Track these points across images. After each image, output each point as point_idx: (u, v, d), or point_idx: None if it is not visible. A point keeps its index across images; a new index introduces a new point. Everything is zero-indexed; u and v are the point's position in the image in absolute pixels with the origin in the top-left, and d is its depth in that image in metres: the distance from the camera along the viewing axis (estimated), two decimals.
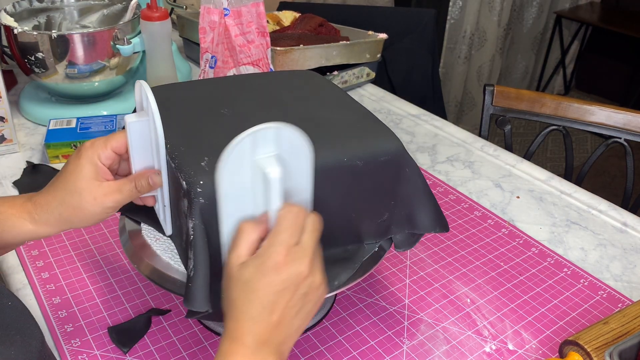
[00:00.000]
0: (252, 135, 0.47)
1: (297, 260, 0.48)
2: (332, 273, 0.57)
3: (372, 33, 1.30)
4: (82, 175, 0.55)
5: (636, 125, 1.14)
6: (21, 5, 1.10)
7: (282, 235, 0.48)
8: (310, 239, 0.49)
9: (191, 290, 0.51)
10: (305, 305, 0.49)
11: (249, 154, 0.48)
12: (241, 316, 0.47)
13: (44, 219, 0.57)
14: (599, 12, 3.20)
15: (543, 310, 0.73)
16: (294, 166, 0.50)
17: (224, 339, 0.48)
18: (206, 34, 0.98)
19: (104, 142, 0.57)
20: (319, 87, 0.68)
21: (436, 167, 1.03)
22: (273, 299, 0.47)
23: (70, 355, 0.64)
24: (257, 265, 0.48)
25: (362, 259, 0.60)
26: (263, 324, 0.47)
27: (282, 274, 0.47)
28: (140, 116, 0.56)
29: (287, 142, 0.49)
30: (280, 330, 0.48)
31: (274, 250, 0.47)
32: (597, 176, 2.73)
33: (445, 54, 2.86)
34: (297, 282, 0.48)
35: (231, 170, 0.48)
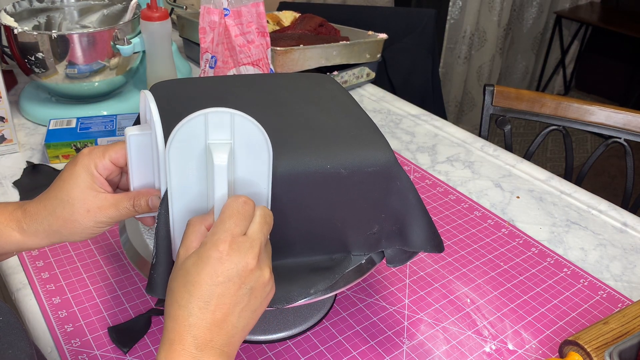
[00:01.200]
0: (203, 116, 0.45)
1: (243, 251, 0.44)
2: (311, 280, 0.57)
3: (372, 33, 1.30)
4: (77, 183, 0.51)
5: (636, 125, 1.14)
6: (21, 5, 1.11)
7: (226, 223, 0.45)
8: (258, 230, 0.46)
9: (153, 277, 0.51)
10: (251, 301, 0.45)
11: (201, 136, 0.46)
12: (180, 313, 0.43)
13: (33, 229, 0.52)
14: (599, 12, 3.20)
15: (543, 310, 0.73)
16: (251, 158, 0.48)
17: (162, 342, 0.44)
18: (206, 34, 0.98)
19: (102, 152, 0.53)
20: (326, 91, 0.67)
21: (436, 167, 1.03)
22: (215, 292, 0.43)
23: (70, 355, 0.64)
24: (199, 254, 0.44)
25: (345, 270, 0.59)
26: (204, 323, 0.43)
27: (225, 264, 0.43)
28: (142, 129, 0.52)
29: (243, 132, 0.47)
30: (223, 329, 0.44)
31: (218, 238, 0.44)
32: (597, 176, 2.73)
33: (445, 54, 2.86)
34: (242, 275, 0.44)
35: (180, 150, 0.46)
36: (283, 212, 0.54)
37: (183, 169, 0.48)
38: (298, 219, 0.56)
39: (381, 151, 0.56)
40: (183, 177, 0.48)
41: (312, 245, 0.58)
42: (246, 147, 0.48)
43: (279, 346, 0.67)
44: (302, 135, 0.57)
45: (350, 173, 0.55)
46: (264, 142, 0.48)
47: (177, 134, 0.46)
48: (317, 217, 0.56)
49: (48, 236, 0.53)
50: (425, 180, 0.99)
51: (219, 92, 0.64)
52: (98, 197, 0.52)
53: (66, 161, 0.99)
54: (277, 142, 0.55)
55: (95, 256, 0.78)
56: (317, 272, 0.58)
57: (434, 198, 0.94)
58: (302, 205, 0.55)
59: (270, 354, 0.66)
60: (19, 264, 0.76)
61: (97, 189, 0.52)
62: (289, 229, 0.56)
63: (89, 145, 0.98)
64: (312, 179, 0.54)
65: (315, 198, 0.55)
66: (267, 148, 0.49)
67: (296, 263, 0.58)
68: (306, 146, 0.55)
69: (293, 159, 0.53)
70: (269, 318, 0.68)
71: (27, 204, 0.54)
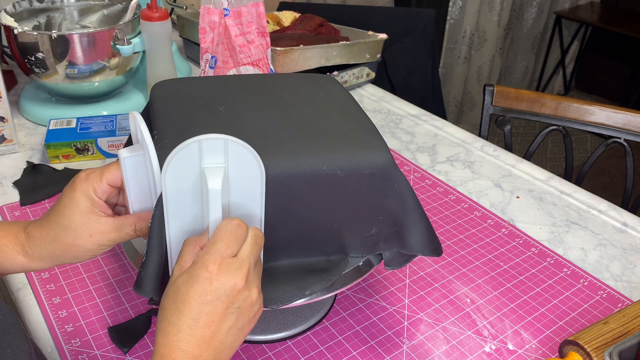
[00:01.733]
0: (197, 143, 0.47)
1: (232, 272, 0.46)
2: (307, 281, 0.57)
3: (372, 33, 1.30)
4: (78, 209, 0.52)
5: (636, 125, 1.14)
6: (21, 6, 1.11)
7: (218, 244, 0.46)
8: (248, 252, 0.48)
9: (141, 276, 0.51)
10: (239, 320, 0.47)
11: (196, 161, 0.48)
12: (170, 329, 0.45)
13: (37, 253, 0.53)
14: (599, 12, 3.20)
15: (543, 310, 0.73)
16: (245, 181, 0.50)
17: (153, 356, 0.45)
18: (206, 34, 0.98)
19: (98, 176, 0.53)
20: (326, 91, 0.67)
21: (436, 167, 1.03)
22: (204, 310, 0.45)
23: (70, 355, 0.64)
24: (189, 273, 0.46)
25: (342, 271, 0.59)
26: (193, 339, 0.45)
27: (214, 284, 0.45)
28: (134, 150, 0.53)
29: (237, 156, 0.48)
30: (212, 345, 0.45)
31: (208, 258, 0.46)
32: (597, 176, 2.73)
33: (445, 54, 2.87)
34: (230, 295, 0.46)
35: (175, 175, 0.48)
36: (279, 213, 0.54)
37: (178, 192, 0.49)
38: (294, 220, 0.55)
39: (379, 153, 0.56)
40: (179, 200, 0.49)
41: (309, 246, 0.58)
42: (239, 171, 0.49)
43: (279, 346, 0.67)
44: (299, 136, 0.57)
45: (347, 175, 0.54)
46: (257, 166, 0.49)
47: (173, 160, 0.47)
48: (313, 219, 0.56)
49: (52, 259, 0.54)
50: (425, 180, 0.99)
51: (219, 92, 0.64)
52: (100, 222, 0.53)
53: (66, 161, 0.99)
54: (274, 143, 0.55)
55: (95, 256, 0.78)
56: (313, 273, 0.58)
57: (434, 198, 0.94)
58: (298, 206, 0.55)
59: (270, 354, 0.66)
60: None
61: (98, 213, 0.53)
62: (285, 230, 0.56)
63: (89, 146, 0.98)
64: (308, 180, 0.53)
65: (311, 199, 0.55)
66: (260, 171, 0.50)
67: (293, 264, 0.58)
68: (303, 147, 0.55)
69: (289, 159, 0.53)
70: (269, 318, 0.68)
71: (30, 227, 0.54)
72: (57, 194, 0.89)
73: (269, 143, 0.55)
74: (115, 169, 0.53)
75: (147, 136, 0.51)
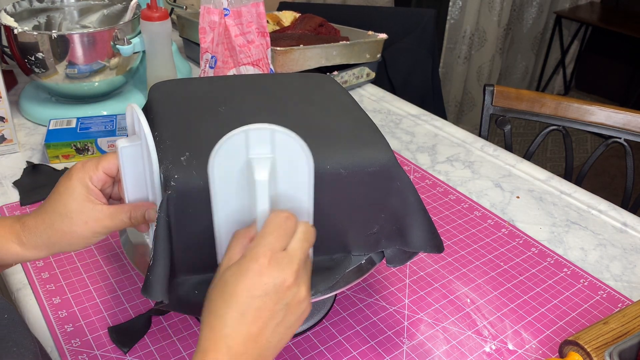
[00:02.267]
0: (244, 133, 0.46)
1: (282, 266, 0.45)
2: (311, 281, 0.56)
3: (372, 33, 1.30)
4: (74, 197, 0.53)
5: (636, 125, 1.14)
6: (21, 5, 1.11)
7: (267, 237, 0.45)
8: (299, 247, 0.47)
9: (149, 279, 0.51)
10: (286, 317, 0.45)
11: (242, 152, 0.47)
12: (217, 322, 0.44)
13: (32, 242, 0.54)
14: (599, 12, 3.20)
15: (543, 310, 0.73)
16: (292, 173, 0.49)
17: (196, 350, 0.44)
18: (206, 34, 0.98)
19: (94, 164, 0.54)
20: (326, 91, 0.67)
21: (436, 167, 1.03)
22: (253, 305, 0.44)
23: (70, 355, 0.64)
24: (239, 265, 0.45)
25: (345, 270, 0.59)
26: (240, 335, 0.43)
27: (263, 278, 0.44)
28: (132, 140, 0.53)
29: (283, 147, 0.48)
30: (258, 343, 0.44)
31: (258, 251, 0.45)
32: (597, 176, 2.73)
33: (445, 54, 2.87)
34: (279, 290, 0.44)
35: (222, 165, 0.47)
36: None
37: (225, 182, 0.48)
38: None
39: (381, 151, 0.56)
40: (225, 190, 0.49)
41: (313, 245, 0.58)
42: (287, 162, 0.48)
43: None
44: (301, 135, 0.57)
45: (350, 173, 0.55)
46: (304, 157, 0.48)
47: (220, 150, 0.47)
48: (317, 217, 0.56)
49: (47, 248, 0.54)
50: (425, 180, 0.99)
51: (219, 92, 0.64)
52: (95, 209, 0.53)
53: (66, 161, 0.99)
54: None
55: (95, 256, 0.78)
56: (317, 272, 0.58)
57: (434, 198, 0.94)
58: None
59: None
60: (19, 264, 0.76)
61: (93, 201, 0.54)
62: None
63: (89, 146, 0.98)
64: None
65: (315, 198, 0.55)
66: (308, 163, 0.49)
67: None
68: None
69: None
70: None
71: (25, 217, 0.55)
72: None
73: None
74: (111, 158, 0.55)
75: (145, 127, 0.51)
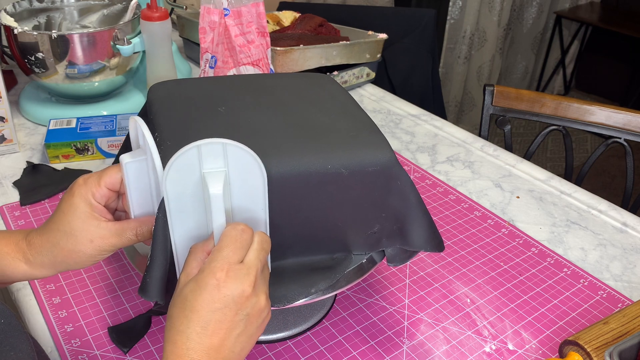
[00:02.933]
0: (196, 148, 0.47)
1: (240, 278, 0.46)
2: (312, 280, 0.57)
3: (372, 33, 1.30)
4: (77, 215, 0.52)
5: (636, 125, 1.14)
6: (21, 5, 1.11)
7: (223, 251, 0.46)
8: (255, 257, 0.47)
9: (146, 281, 0.51)
10: (247, 327, 0.47)
11: (196, 166, 0.48)
12: (179, 337, 0.45)
13: (39, 261, 0.53)
14: (599, 12, 3.20)
15: (543, 310, 0.73)
16: (247, 185, 0.49)
17: None
18: (206, 34, 0.98)
19: (96, 180, 0.53)
20: (326, 91, 0.67)
21: (436, 167, 1.03)
22: (213, 318, 0.45)
23: (70, 355, 0.64)
24: (197, 281, 0.46)
25: (346, 269, 0.59)
26: (202, 347, 0.44)
27: (222, 291, 0.45)
28: (136, 155, 0.52)
29: (237, 160, 0.48)
30: (221, 353, 0.45)
31: (215, 265, 0.45)
32: (597, 176, 2.73)
33: (445, 54, 2.87)
34: (238, 302, 0.45)
35: (176, 181, 0.48)
36: (284, 212, 0.54)
37: (181, 197, 0.49)
38: (299, 218, 0.56)
39: (382, 151, 0.57)
40: (181, 205, 0.49)
41: (313, 244, 0.58)
42: (241, 174, 0.49)
43: (279, 346, 0.67)
44: (301, 135, 0.57)
45: (351, 173, 0.55)
46: (257, 169, 0.49)
47: (173, 166, 0.47)
48: (318, 217, 0.56)
49: (54, 266, 0.54)
50: (425, 180, 0.99)
51: (219, 93, 0.64)
52: (100, 227, 0.52)
53: (66, 161, 0.99)
54: (277, 143, 0.55)
55: None
56: (318, 271, 0.58)
57: (434, 198, 0.94)
58: (303, 205, 0.55)
59: (270, 354, 0.66)
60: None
61: (97, 218, 0.52)
62: (290, 229, 0.56)
63: (89, 146, 0.98)
64: (313, 179, 0.54)
65: (316, 198, 0.55)
66: (262, 174, 0.49)
67: (297, 262, 0.59)
68: (307, 146, 0.55)
69: (294, 159, 0.53)
70: None
71: (31, 235, 0.54)
72: (57, 194, 0.89)
73: (272, 143, 0.55)
74: (113, 172, 0.53)
75: (150, 142, 0.50)
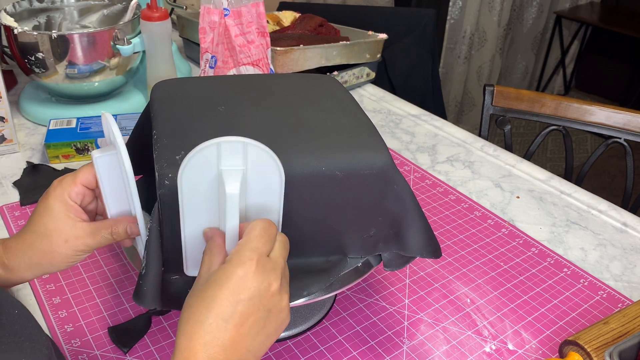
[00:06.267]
0: (216, 146, 0.46)
1: (268, 272, 0.44)
2: (304, 282, 0.56)
3: (372, 33, 1.30)
4: (52, 216, 0.52)
5: (636, 125, 1.14)
6: (21, 5, 1.11)
7: (254, 242, 0.44)
8: (279, 254, 0.46)
9: (141, 287, 0.51)
10: (267, 325, 0.44)
11: (214, 164, 0.47)
12: (196, 330, 0.42)
13: (15, 264, 0.53)
14: (599, 12, 3.20)
15: (543, 310, 0.73)
16: (264, 184, 0.49)
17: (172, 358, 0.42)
18: (206, 34, 0.98)
19: (72, 178, 0.53)
20: (327, 92, 0.67)
21: (436, 167, 1.03)
22: (237, 309, 0.42)
23: (70, 355, 0.64)
24: (224, 269, 0.43)
25: (341, 272, 0.59)
26: (220, 342, 0.41)
27: (249, 282, 0.42)
28: (106, 150, 0.52)
29: (255, 159, 0.47)
30: (238, 351, 0.42)
31: (244, 255, 0.43)
32: (597, 176, 2.73)
33: (445, 54, 2.87)
34: (264, 295, 0.43)
35: (191, 177, 0.47)
36: None
37: (194, 193, 0.48)
38: (293, 220, 0.55)
39: (378, 154, 0.56)
40: (194, 201, 0.49)
41: (308, 246, 0.58)
42: (259, 175, 0.48)
43: (279, 346, 0.67)
44: (299, 136, 0.57)
45: (346, 176, 0.54)
46: (276, 170, 0.48)
47: (190, 162, 0.46)
48: (312, 219, 0.56)
49: (30, 269, 0.53)
50: (425, 180, 0.99)
51: (219, 92, 0.64)
52: (75, 227, 0.52)
53: (66, 161, 0.99)
54: (273, 143, 0.55)
55: (96, 256, 0.78)
56: (311, 273, 0.58)
57: (434, 198, 0.94)
58: (296, 206, 0.54)
59: (270, 354, 0.66)
60: None
61: (72, 218, 0.52)
62: (283, 230, 0.56)
63: (89, 146, 0.98)
64: (307, 180, 0.53)
65: (310, 200, 0.55)
66: (280, 175, 0.49)
67: (291, 264, 0.58)
68: (302, 147, 0.55)
69: (288, 160, 0.53)
70: None
71: (8, 240, 0.54)
72: None
73: (268, 143, 0.55)
74: (88, 168, 0.53)
75: (118, 136, 0.50)
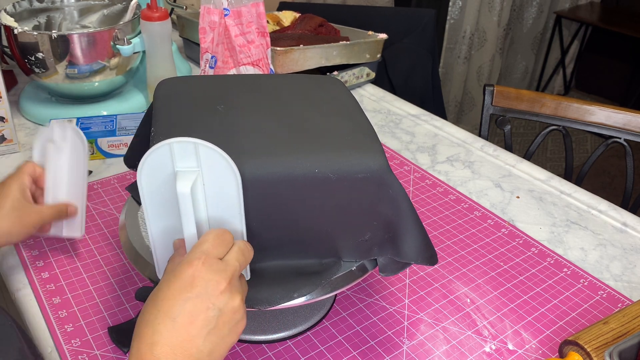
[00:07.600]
0: (168, 146, 0.47)
1: (215, 271, 0.44)
2: (296, 284, 0.56)
3: (372, 33, 1.30)
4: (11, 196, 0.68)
5: (636, 125, 1.14)
6: (21, 5, 1.11)
7: (203, 245, 0.46)
8: (234, 258, 0.47)
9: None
10: (219, 326, 0.44)
11: (169, 164, 0.48)
12: (145, 331, 0.42)
13: None
14: (599, 12, 3.20)
15: (543, 310, 0.73)
16: (222, 191, 0.49)
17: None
18: (206, 34, 0.98)
19: (26, 169, 0.71)
20: (330, 93, 0.66)
21: (436, 167, 1.03)
22: (184, 309, 0.43)
23: (70, 355, 0.64)
24: (173, 271, 0.44)
25: (334, 275, 0.58)
26: (168, 342, 0.42)
27: (196, 280, 0.43)
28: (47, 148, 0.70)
29: (210, 161, 0.48)
30: (188, 351, 0.42)
31: (192, 256, 0.44)
32: (597, 176, 2.73)
33: (445, 54, 2.87)
34: (212, 293, 0.43)
35: (150, 177, 0.48)
36: (269, 214, 0.54)
37: (156, 193, 0.49)
38: (285, 221, 0.55)
39: (373, 158, 0.55)
40: (158, 201, 0.50)
41: (301, 248, 0.58)
42: (215, 177, 0.49)
43: (279, 346, 0.67)
44: (294, 137, 0.56)
45: (339, 178, 0.53)
46: (230, 171, 0.48)
47: (146, 162, 0.48)
48: (305, 221, 0.55)
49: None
50: (425, 180, 0.99)
51: (221, 91, 0.64)
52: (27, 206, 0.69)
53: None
54: (267, 143, 0.55)
55: (96, 256, 0.78)
56: (304, 276, 0.57)
57: (434, 198, 0.94)
58: (289, 208, 0.54)
59: (270, 354, 0.66)
60: (19, 264, 0.76)
61: (28, 199, 0.69)
62: (275, 232, 0.55)
63: (89, 146, 0.98)
64: (298, 182, 0.53)
65: (302, 202, 0.54)
66: (235, 177, 0.49)
67: (284, 265, 0.58)
68: (296, 148, 0.54)
69: (280, 160, 0.53)
70: (269, 318, 0.68)
71: None
72: None
73: (262, 143, 0.54)
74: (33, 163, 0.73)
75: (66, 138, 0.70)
